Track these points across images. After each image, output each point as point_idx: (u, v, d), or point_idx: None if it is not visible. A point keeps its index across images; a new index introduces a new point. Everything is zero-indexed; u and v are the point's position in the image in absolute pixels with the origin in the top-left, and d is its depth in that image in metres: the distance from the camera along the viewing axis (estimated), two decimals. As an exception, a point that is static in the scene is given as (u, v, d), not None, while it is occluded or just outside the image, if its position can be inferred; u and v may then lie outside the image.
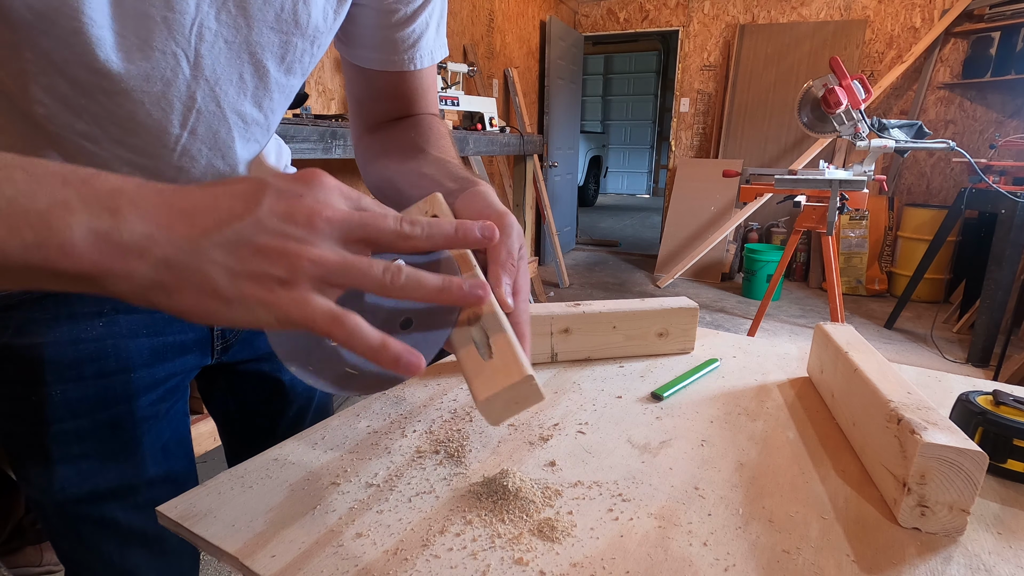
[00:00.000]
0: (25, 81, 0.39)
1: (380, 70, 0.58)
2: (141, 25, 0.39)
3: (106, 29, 0.38)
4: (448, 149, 0.56)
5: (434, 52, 0.60)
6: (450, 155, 0.55)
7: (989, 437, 0.47)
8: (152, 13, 0.39)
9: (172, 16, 0.40)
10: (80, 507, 0.53)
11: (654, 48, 9.59)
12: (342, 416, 0.56)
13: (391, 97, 0.61)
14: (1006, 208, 2.74)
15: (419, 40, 0.57)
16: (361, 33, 0.56)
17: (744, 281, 4.21)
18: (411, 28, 0.56)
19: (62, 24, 0.36)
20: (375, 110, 0.62)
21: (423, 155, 0.54)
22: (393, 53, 0.57)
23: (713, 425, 0.55)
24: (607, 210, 8.94)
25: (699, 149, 5.08)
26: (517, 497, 0.42)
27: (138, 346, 0.53)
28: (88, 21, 0.37)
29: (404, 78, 0.59)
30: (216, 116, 0.47)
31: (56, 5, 0.35)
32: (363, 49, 0.57)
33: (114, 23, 0.38)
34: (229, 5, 0.42)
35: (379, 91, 0.60)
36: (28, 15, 0.35)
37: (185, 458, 0.61)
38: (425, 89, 0.62)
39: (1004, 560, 0.38)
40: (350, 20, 0.55)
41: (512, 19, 4.34)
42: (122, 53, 0.39)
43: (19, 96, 0.40)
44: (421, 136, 0.57)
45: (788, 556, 0.38)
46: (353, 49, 0.58)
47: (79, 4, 0.36)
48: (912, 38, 4.16)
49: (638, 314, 0.70)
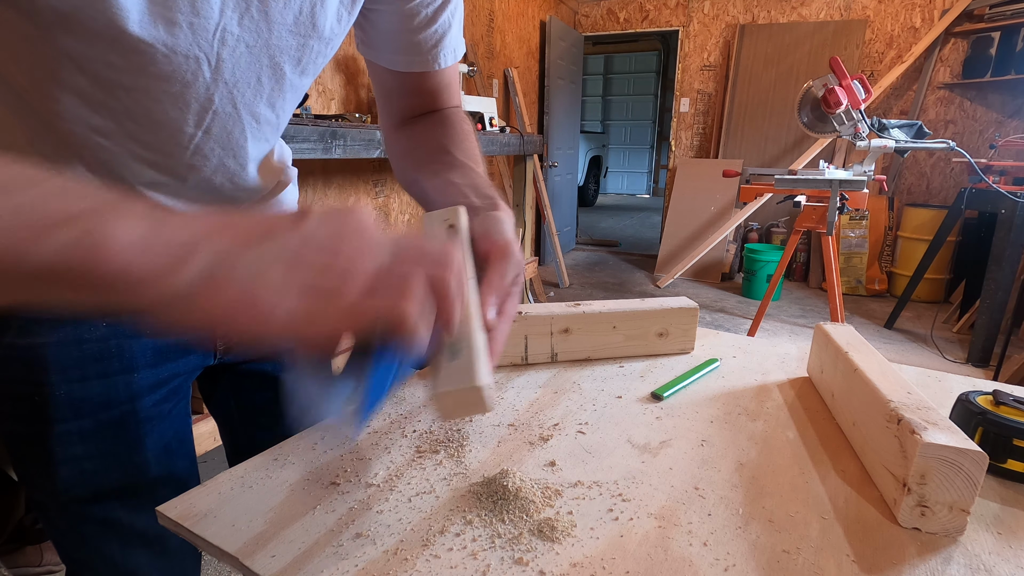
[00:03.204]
0: (42, 76, 0.39)
1: (406, 71, 0.60)
2: (167, 30, 0.40)
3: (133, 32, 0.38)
4: (474, 152, 0.58)
5: (456, 50, 0.61)
6: (476, 160, 0.56)
7: (989, 437, 0.47)
8: (178, 19, 0.40)
9: (197, 21, 0.40)
10: (83, 507, 0.53)
11: (654, 48, 9.59)
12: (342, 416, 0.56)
13: (416, 93, 0.63)
14: (1006, 208, 2.74)
15: (442, 39, 0.59)
16: (384, 37, 0.58)
17: (744, 281, 4.21)
18: (433, 28, 0.57)
19: (89, 24, 0.36)
20: (402, 105, 0.64)
21: (451, 160, 0.55)
22: (416, 55, 0.58)
23: (713, 425, 0.55)
24: (607, 210, 8.93)
25: (699, 149, 5.08)
26: (517, 497, 0.42)
27: (141, 346, 0.53)
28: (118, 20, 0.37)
29: (428, 76, 0.61)
30: (232, 117, 0.48)
31: (83, 5, 0.36)
32: (387, 52, 0.59)
33: (141, 26, 0.38)
34: (252, 10, 0.43)
35: (407, 89, 0.62)
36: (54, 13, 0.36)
37: (187, 458, 0.61)
38: (448, 84, 0.63)
39: (1004, 560, 0.38)
40: (372, 25, 0.57)
41: (512, 19, 4.34)
42: (147, 55, 0.40)
43: (31, 91, 0.40)
44: (448, 138, 0.59)
45: (788, 556, 0.38)
46: (379, 52, 0.59)
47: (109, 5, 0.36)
48: (912, 38, 4.16)
49: (638, 314, 0.70)
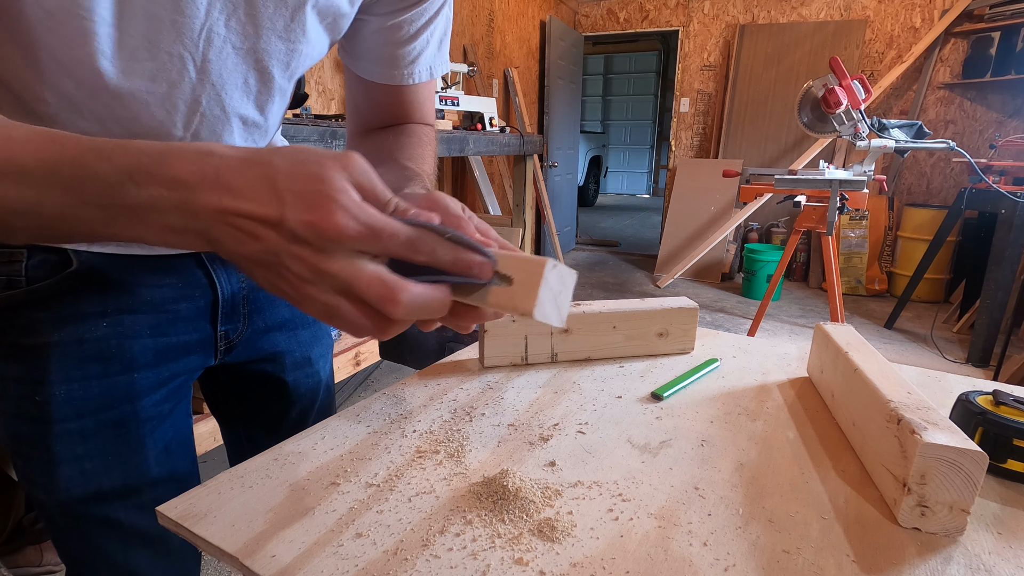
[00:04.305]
0: (31, 78, 0.39)
1: (380, 83, 0.60)
2: (149, 26, 0.40)
3: (112, 27, 0.38)
4: (417, 156, 0.58)
5: (433, 68, 0.62)
6: (416, 161, 0.57)
7: (989, 437, 0.47)
8: (161, 15, 0.40)
9: (181, 20, 0.40)
10: (83, 507, 0.53)
11: (654, 48, 9.58)
12: (342, 416, 0.56)
13: (387, 106, 0.63)
14: (1006, 208, 2.74)
15: (419, 56, 0.60)
16: (365, 47, 0.58)
17: (744, 281, 4.21)
18: (413, 46, 0.59)
19: (71, 23, 0.37)
20: (369, 116, 0.65)
21: (390, 163, 0.56)
22: (393, 68, 0.59)
23: (713, 425, 0.55)
24: (607, 210, 8.93)
25: (699, 149, 5.07)
26: (517, 497, 0.42)
27: (142, 347, 0.53)
28: (96, 19, 0.37)
29: (401, 91, 0.62)
30: (220, 120, 0.48)
31: (66, 4, 0.36)
32: (366, 61, 0.60)
33: (121, 22, 0.38)
34: (239, 13, 0.43)
35: (376, 100, 0.63)
36: (40, 12, 0.36)
37: (188, 458, 0.61)
38: (420, 102, 0.64)
39: (1004, 560, 0.38)
40: (356, 34, 0.57)
41: (512, 19, 4.34)
42: (127, 52, 0.40)
43: (25, 93, 0.40)
44: (399, 145, 0.60)
45: (788, 556, 0.38)
46: (356, 60, 0.60)
47: (88, 2, 0.36)
48: (912, 38, 4.16)
49: (638, 314, 0.70)
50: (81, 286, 0.50)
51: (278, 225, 0.30)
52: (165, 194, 0.30)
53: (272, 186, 0.30)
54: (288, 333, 0.68)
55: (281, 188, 0.30)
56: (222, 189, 0.30)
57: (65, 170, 0.30)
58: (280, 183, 0.30)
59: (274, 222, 0.30)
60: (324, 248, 0.30)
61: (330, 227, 0.29)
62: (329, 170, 0.30)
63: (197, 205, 0.30)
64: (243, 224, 0.30)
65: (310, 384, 0.71)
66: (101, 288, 0.51)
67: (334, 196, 0.30)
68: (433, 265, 0.33)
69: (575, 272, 0.35)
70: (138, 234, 0.32)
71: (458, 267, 0.33)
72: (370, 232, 0.30)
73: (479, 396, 0.60)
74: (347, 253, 0.30)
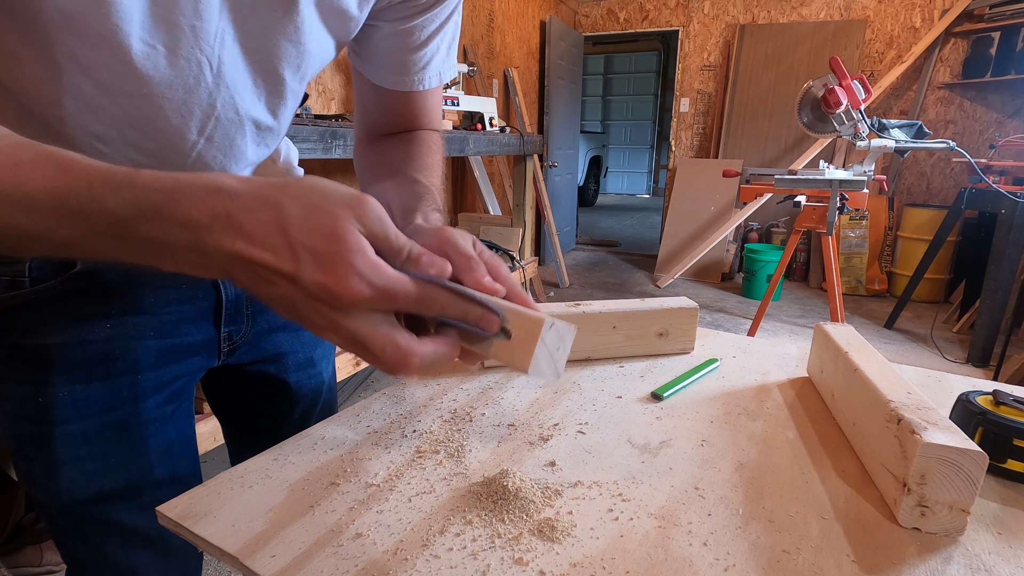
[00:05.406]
0: (45, 80, 0.39)
1: (390, 88, 0.61)
2: (170, 34, 0.40)
3: (135, 36, 0.38)
4: (427, 167, 0.59)
5: (442, 73, 0.62)
6: (426, 173, 0.58)
7: (989, 437, 0.47)
8: (181, 22, 0.40)
9: (199, 24, 0.40)
10: (85, 508, 0.53)
11: (654, 48, 9.58)
12: (342, 416, 0.56)
13: (396, 111, 0.63)
14: (1006, 208, 2.74)
15: (430, 62, 0.60)
16: (376, 52, 0.58)
17: (744, 281, 4.21)
18: (424, 52, 0.59)
19: (92, 27, 0.37)
20: (379, 121, 0.65)
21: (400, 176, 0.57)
22: (404, 74, 0.60)
23: (713, 425, 0.55)
24: (607, 210, 8.93)
25: (699, 149, 5.07)
26: (517, 497, 0.42)
27: (145, 348, 0.53)
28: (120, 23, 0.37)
29: (411, 96, 0.62)
30: (234, 123, 0.48)
31: (86, 8, 0.36)
32: (377, 67, 0.60)
33: (144, 30, 0.39)
34: (244, 12, 0.43)
35: (386, 105, 0.63)
36: (57, 16, 0.36)
37: (190, 460, 0.61)
38: (430, 107, 0.64)
39: (1004, 560, 0.38)
40: (367, 39, 0.57)
41: (512, 19, 4.34)
42: (150, 59, 0.40)
43: (35, 97, 0.40)
44: (409, 155, 0.60)
45: (788, 556, 0.38)
46: (367, 65, 0.60)
47: (110, 8, 0.36)
48: (912, 38, 4.16)
49: (638, 314, 0.70)
50: (84, 287, 0.50)
51: (294, 281, 0.31)
52: (177, 232, 0.30)
53: (285, 236, 0.30)
54: (291, 334, 0.68)
55: (294, 241, 0.30)
56: (235, 233, 0.30)
57: (74, 203, 0.30)
58: (293, 235, 0.30)
59: (290, 277, 0.31)
60: (340, 308, 0.31)
61: (346, 293, 0.30)
62: (343, 224, 0.31)
63: (210, 247, 0.30)
64: (259, 271, 0.31)
65: (312, 385, 0.71)
66: (104, 289, 0.51)
67: (349, 258, 0.30)
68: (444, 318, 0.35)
69: (574, 327, 0.36)
70: (153, 264, 0.32)
71: (467, 321, 0.35)
72: (384, 295, 0.31)
73: (479, 396, 0.61)
74: (362, 312, 0.32)
